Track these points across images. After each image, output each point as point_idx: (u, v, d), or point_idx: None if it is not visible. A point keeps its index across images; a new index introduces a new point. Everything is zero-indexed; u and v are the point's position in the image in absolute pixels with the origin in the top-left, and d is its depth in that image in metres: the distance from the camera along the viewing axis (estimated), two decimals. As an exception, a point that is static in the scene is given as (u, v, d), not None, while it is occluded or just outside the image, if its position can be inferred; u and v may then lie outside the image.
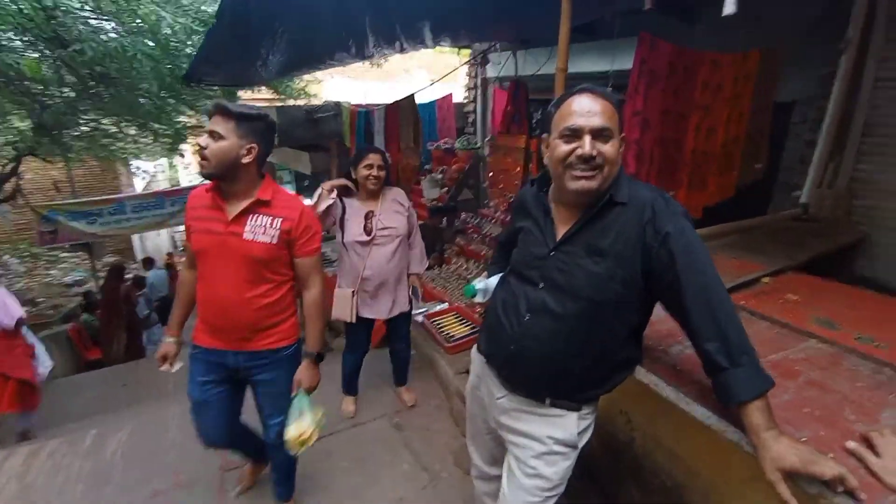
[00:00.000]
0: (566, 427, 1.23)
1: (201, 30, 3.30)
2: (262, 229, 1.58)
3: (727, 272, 1.97)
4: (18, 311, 3.38)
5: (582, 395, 1.23)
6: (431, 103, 5.35)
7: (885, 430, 0.95)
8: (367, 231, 2.39)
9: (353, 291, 2.42)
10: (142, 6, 2.84)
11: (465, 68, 6.45)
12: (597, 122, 1.05)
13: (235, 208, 1.57)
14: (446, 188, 5.04)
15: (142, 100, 4.50)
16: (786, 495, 0.85)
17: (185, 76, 3.57)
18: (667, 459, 1.59)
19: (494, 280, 1.45)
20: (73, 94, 4.43)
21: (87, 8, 3.05)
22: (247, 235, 1.56)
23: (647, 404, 1.60)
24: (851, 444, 0.93)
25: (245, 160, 1.52)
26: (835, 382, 1.17)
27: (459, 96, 6.57)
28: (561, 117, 1.11)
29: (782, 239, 2.50)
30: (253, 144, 1.52)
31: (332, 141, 5.99)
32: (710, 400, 1.03)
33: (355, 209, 2.43)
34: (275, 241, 1.58)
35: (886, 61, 2.68)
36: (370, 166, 2.35)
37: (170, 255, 9.04)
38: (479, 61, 5.67)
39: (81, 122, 5.42)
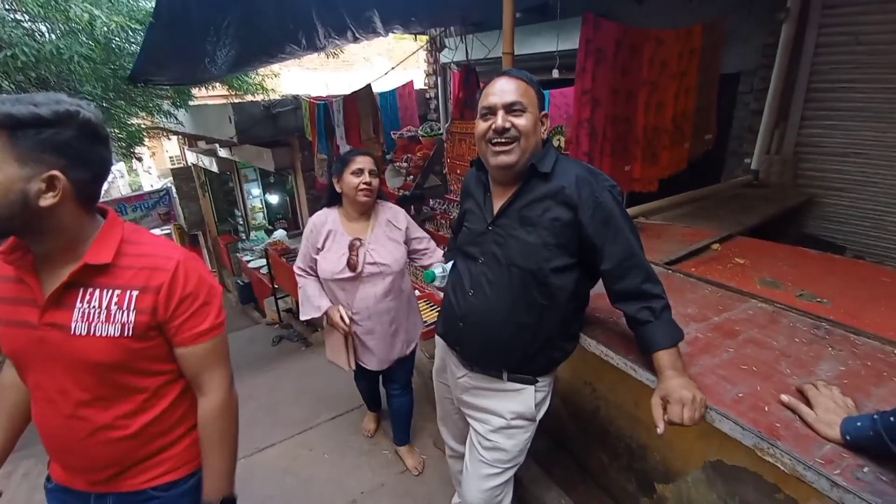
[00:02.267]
0: (524, 401, 1.28)
1: (138, 28, 3.16)
2: (102, 314, 0.92)
3: (680, 241, 2.05)
4: None
5: (535, 367, 1.27)
6: (392, 91, 5.29)
7: (818, 382, 1.00)
8: (352, 266, 1.84)
9: (346, 334, 1.95)
10: (73, 5, 2.70)
11: (425, 54, 6.39)
12: (509, 97, 1.13)
13: (51, 282, 0.92)
14: (412, 176, 5.02)
15: (100, 103, 4.29)
16: (655, 416, 0.96)
17: (130, 77, 3.43)
18: (629, 423, 1.67)
19: (451, 265, 1.48)
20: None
21: (11, 9, 2.87)
22: (77, 328, 0.92)
23: (608, 374, 1.67)
24: (785, 398, 0.98)
25: (44, 202, 0.84)
26: (773, 339, 1.24)
27: (421, 83, 6.52)
28: (481, 100, 1.19)
29: (733, 205, 2.61)
30: (52, 172, 0.84)
31: (293, 136, 5.87)
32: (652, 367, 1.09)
33: (337, 235, 1.87)
34: (128, 333, 0.94)
35: (825, 28, 2.79)
36: (359, 172, 1.80)
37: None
38: (435, 47, 5.63)
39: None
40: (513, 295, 1.20)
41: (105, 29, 2.80)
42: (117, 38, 3.03)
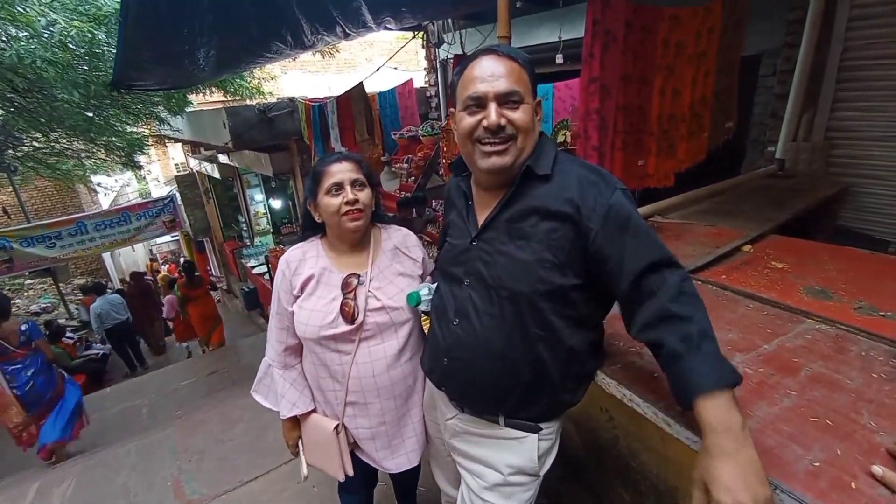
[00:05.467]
0: (525, 452, 1.05)
1: (100, 32, 2.98)
2: None
3: (704, 243, 1.80)
4: None
5: (537, 412, 1.04)
6: (392, 91, 5.11)
7: None
8: (349, 314, 1.24)
9: (335, 426, 1.33)
10: (28, 8, 2.53)
11: (424, 52, 6.18)
12: (502, 85, 0.89)
13: None
14: (413, 177, 4.82)
15: (85, 111, 4.16)
16: (696, 490, 0.69)
17: (112, 83, 3.26)
18: (654, 460, 1.43)
19: (434, 284, 1.26)
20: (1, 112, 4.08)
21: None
22: None
23: (625, 404, 1.44)
24: (879, 471, 0.72)
25: None
26: (845, 375, 0.98)
27: (421, 82, 6.31)
28: (463, 85, 0.94)
29: (758, 199, 2.35)
30: None
31: (291, 139, 5.70)
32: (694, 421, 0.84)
33: (324, 274, 1.30)
34: None
35: (864, -2, 2.51)
36: (337, 188, 1.24)
37: (133, 274, 8.67)
38: (433, 43, 5.41)
39: (19, 141, 5.05)
40: (504, 324, 0.97)
41: (67, 32, 2.62)
42: (85, 42, 2.85)
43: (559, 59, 2.67)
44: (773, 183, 2.62)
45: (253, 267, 8.15)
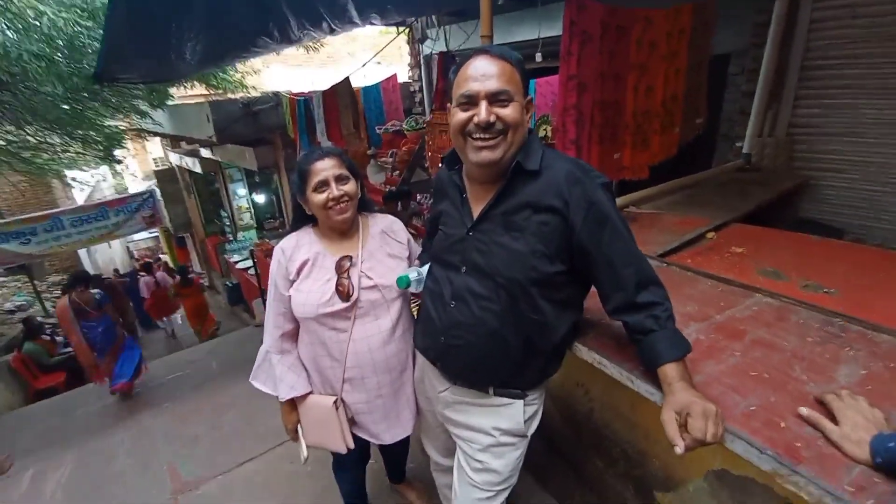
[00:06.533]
0: (513, 416, 1.17)
1: (91, 25, 2.97)
2: None
3: (672, 231, 1.94)
4: None
5: (525, 381, 1.16)
6: (376, 85, 5.16)
7: (842, 391, 0.88)
8: (344, 293, 1.34)
9: (335, 401, 1.42)
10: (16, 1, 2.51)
11: (408, 47, 6.24)
12: (493, 85, 0.98)
13: None
14: (398, 171, 4.89)
15: (61, 104, 4.10)
16: (671, 434, 0.83)
17: (95, 76, 3.25)
18: (625, 427, 1.57)
19: (426, 268, 1.36)
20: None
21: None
22: None
23: (601, 375, 1.56)
24: (805, 411, 0.86)
25: None
26: (784, 339, 1.12)
27: (406, 76, 6.37)
28: (458, 84, 1.04)
29: (726, 191, 2.51)
30: None
31: (275, 133, 5.70)
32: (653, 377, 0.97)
33: (318, 258, 1.40)
34: None
35: (820, 2, 2.68)
36: (323, 186, 1.32)
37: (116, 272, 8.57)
38: (417, 38, 5.47)
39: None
40: (500, 308, 1.07)
41: (55, 25, 2.61)
42: (66, 35, 2.83)
43: (538, 57, 2.78)
44: (739, 176, 2.79)
45: (236, 262, 8.10)
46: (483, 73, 0.99)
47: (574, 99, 2.21)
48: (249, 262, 7.20)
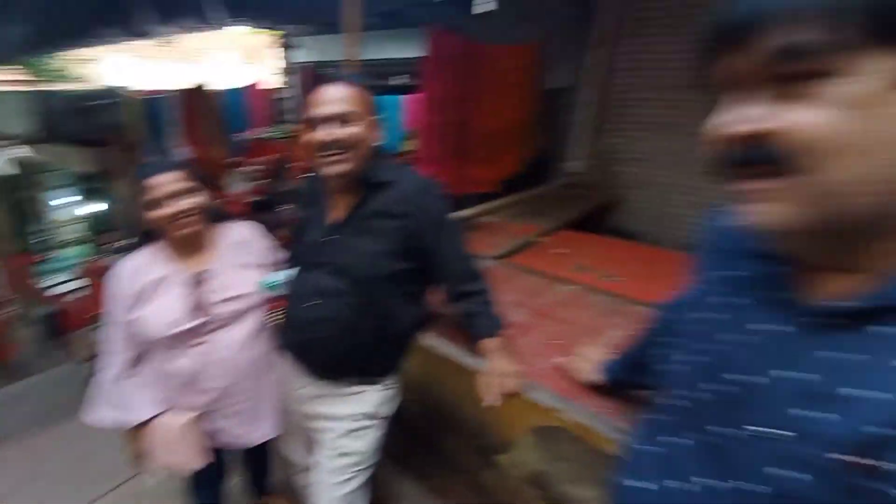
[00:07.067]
0: (370, 400, 1.31)
1: None
2: None
3: (513, 236, 2.29)
4: None
5: (379, 368, 1.31)
6: (238, 89, 4.92)
7: (584, 346, 1.21)
8: (197, 309, 1.30)
9: (192, 415, 1.36)
10: None
11: (276, 51, 6.04)
12: (335, 108, 1.12)
13: None
14: (266, 180, 4.73)
15: None
16: (483, 392, 1.10)
17: None
18: (469, 405, 1.80)
19: (292, 271, 1.43)
20: None
21: None
22: None
23: (449, 362, 1.79)
24: (560, 360, 1.18)
25: None
26: (579, 316, 1.47)
27: (273, 81, 6.14)
28: (308, 107, 1.16)
29: (558, 203, 2.99)
30: None
31: (113, 134, 5.06)
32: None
33: (166, 277, 1.32)
34: None
35: (619, 55, 3.37)
36: (166, 199, 1.23)
37: None
38: (287, 44, 5.38)
39: None
40: (356, 303, 1.21)
41: None
42: None
43: (401, 79, 3.00)
44: (569, 192, 3.34)
45: (54, 286, 6.83)
46: (328, 98, 1.13)
47: (434, 118, 2.46)
48: (76, 285, 6.15)
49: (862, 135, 0.35)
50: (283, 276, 1.42)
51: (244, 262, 1.43)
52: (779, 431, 0.43)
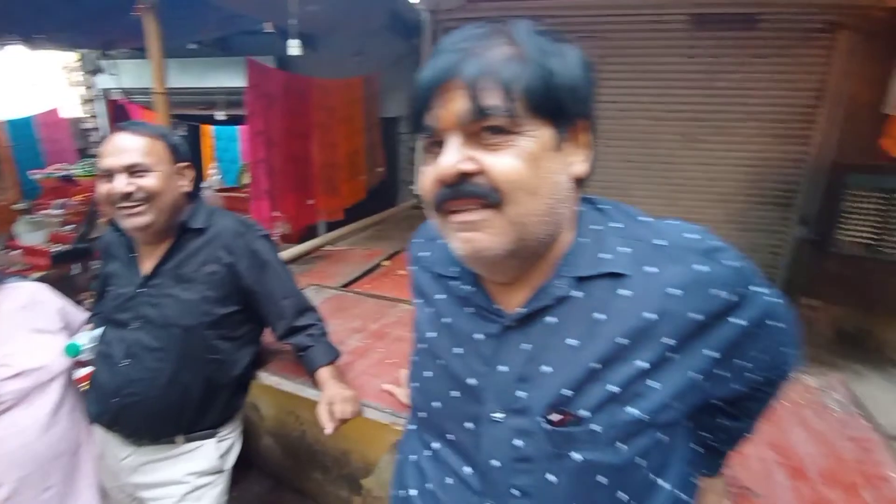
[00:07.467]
0: (206, 456, 1.24)
1: None
2: None
3: (357, 263, 2.36)
4: None
5: (214, 419, 1.25)
6: (27, 119, 4.18)
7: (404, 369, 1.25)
8: None
9: None
10: None
11: (77, 76, 5.25)
12: (128, 159, 1.08)
13: None
14: (72, 225, 4.07)
15: None
16: (323, 420, 1.09)
17: None
18: (330, 437, 1.82)
19: (99, 331, 1.30)
20: None
21: None
22: None
23: (305, 400, 1.78)
24: (385, 386, 1.24)
25: None
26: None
27: (75, 110, 5.31)
28: (100, 158, 1.11)
29: (404, 225, 3.17)
30: None
31: None
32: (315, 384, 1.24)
33: None
34: None
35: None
36: None
37: None
38: (89, 69, 4.74)
39: None
40: (177, 356, 1.15)
41: None
42: None
43: (221, 115, 2.88)
44: (414, 212, 3.55)
45: None
46: (119, 148, 1.08)
47: (263, 153, 2.42)
48: None
49: (536, 180, 0.49)
50: (86, 338, 1.28)
51: (35, 327, 1.25)
52: (514, 410, 0.57)
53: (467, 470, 0.61)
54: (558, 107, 0.50)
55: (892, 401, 2.69)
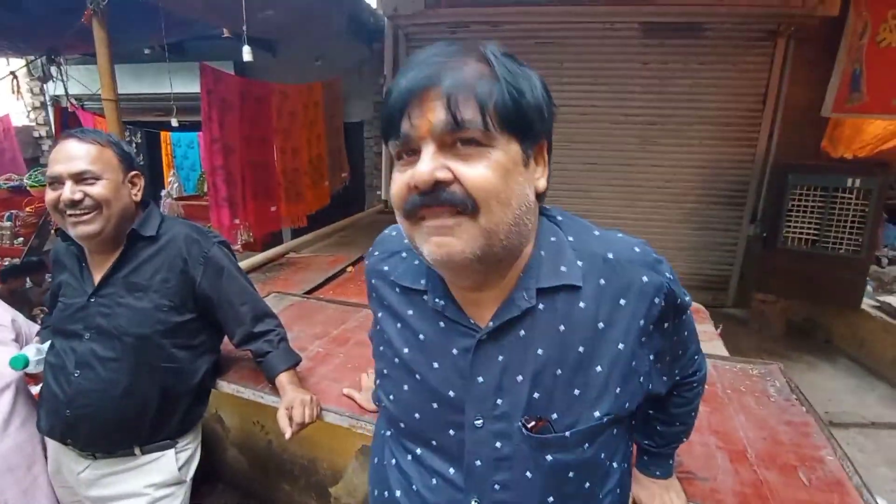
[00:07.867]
0: (165, 467, 1.21)
1: None
2: None
3: (322, 269, 2.35)
4: None
5: (172, 429, 1.23)
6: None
7: (364, 373, 1.28)
8: None
9: None
10: None
11: (25, 83, 5.02)
12: (76, 166, 1.06)
13: None
14: (22, 238, 3.91)
15: None
16: (282, 425, 1.08)
17: None
18: (296, 445, 1.81)
19: (48, 344, 1.26)
20: None
21: None
22: None
23: (270, 408, 1.76)
24: (345, 391, 1.25)
25: None
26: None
27: (25, 118, 5.07)
28: (48, 165, 1.09)
29: (369, 230, 3.16)
30: None
31: None
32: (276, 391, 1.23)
33: None
34: None
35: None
36: None
37: None
38: (37, 76, 4.54)
39: None
40: (131, 365, 1.12)
41: None
42: None
43: (176, 122, 2.81)
44: (380, 217, 3.55)
45: None
46: (67, 156, 1.06)
47: (221, 160, 2.38)
48: None
49: (507, 191, 0.52)
50: (32, 350, 1.24)
51: None
52: (494, 416, 0.60)
53: (452, 471, 0.64)
54: (527, 124, 0.53)
55: (838, 388, 2.88)
